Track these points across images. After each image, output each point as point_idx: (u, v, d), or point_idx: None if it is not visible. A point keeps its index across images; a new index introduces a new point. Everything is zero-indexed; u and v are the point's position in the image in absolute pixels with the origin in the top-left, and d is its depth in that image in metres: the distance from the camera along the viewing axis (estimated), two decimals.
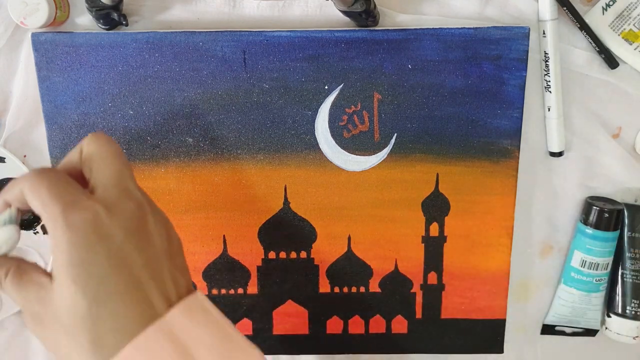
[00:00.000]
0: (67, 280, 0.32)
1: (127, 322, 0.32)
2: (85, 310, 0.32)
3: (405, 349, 0.58)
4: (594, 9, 0.50)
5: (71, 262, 0.32)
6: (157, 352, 0.32)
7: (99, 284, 0.32)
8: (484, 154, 0.51)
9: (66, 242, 0.32)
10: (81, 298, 0.32)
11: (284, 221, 0.53)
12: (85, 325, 0.32)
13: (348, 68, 0.49)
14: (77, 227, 0.32)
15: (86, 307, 0.32)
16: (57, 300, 0.32)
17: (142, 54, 0.49)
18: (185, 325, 0.34)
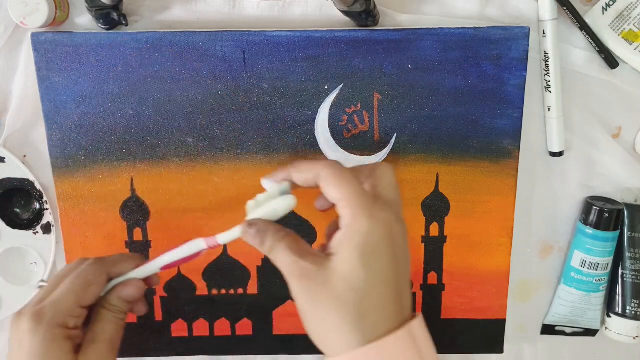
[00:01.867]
0: (352, 256, 0.36)
1: (388, 314, 0.36)
2: (361, 282, 0.35)
3: None
4: (594, 9, 0.50)
5: (365, 243, 0.36)
6: (403, 352, 0.36)
7: (377, 271, 0.36)
8: (484, 154, 0.51)
9: (367, 228, 0.36)
10: (361, 272, 0.35)
11: (284, 221, 0.53)
12: (357, 296, 0.35)
13: (348, 68, 0.49)
14: (379, 220, 0.36)
15: (363, 281, 0.35)
16: (336, 271, 0.36)
17: (142, 54, 0.49)
18: (421, 336, 0.37)
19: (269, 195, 0.41)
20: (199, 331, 0.56)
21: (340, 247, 0.36)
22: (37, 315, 0.40)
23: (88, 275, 0.43)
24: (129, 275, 0.45)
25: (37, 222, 0.55)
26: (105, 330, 0.43)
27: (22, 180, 0.53)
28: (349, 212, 0.37)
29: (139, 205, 0.53)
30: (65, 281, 0.43)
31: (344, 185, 0.38)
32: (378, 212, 0.37)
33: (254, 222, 0.40)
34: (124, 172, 0.52)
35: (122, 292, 0.44)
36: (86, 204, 0.53)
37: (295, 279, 0.37)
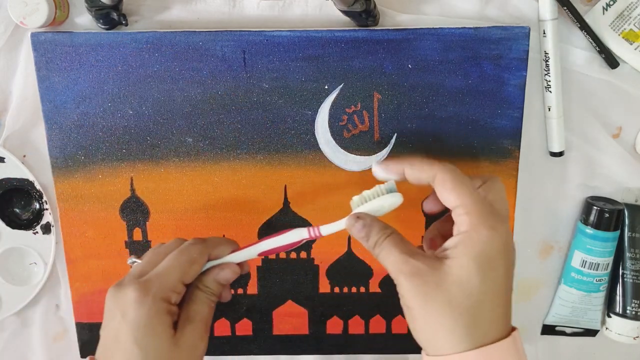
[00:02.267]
0: (470, 263, 0.36)
1: (497, 322, 0.37)
2: (476, 289, 0.36)
3: (405, 349, 0.58)
4: (594, 9, 0.50)
5: (483, 253, 0.37)
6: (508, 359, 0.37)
7: (492, 281, 0.37)
8: (484, 154, 0.51)
9: (486, 238, 0.37)
10: (477, 280, 0.36)
11: (284, 221, 0.53)
12: (471, 301, 0.36)
13: (348, 68, 0.49)
14: (498, 232, 0.37)
15: (478, 288, 0.36)
16: (451, 275, 0.37)
17: (142, 53, 0.49)
18: (521, 346, 0.38)
19: (375, 192, 0.42)
20: None
21: (457, 252, 0.37)
22: (144, 287, 0.41)
23: (192, 253, 0.43)
24: (225, 258, 0.45)
25: (37, 222, 0.55)
26: (200, 311, 0.43)
27: (22, 180, 0.53)
28: (467, 219, 0.37)
29: (138, 205, 0.53)
30: (169, 257, 0.43)
31: (463, 192, 0.38)
32: (497, 224, 0.37)
33: (362, 216, 0.41)
34: (124, 172, 0.52)
35: (218, 275, 0.44)
36: (86, 204, 0.52)
37: (406, 276, 0.37)
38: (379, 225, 0.40)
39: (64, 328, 0.58)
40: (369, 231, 0.40)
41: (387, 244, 0.39)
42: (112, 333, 0.41)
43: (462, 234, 0.37)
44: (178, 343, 0.41)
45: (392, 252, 0.39)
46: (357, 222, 0.41)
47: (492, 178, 0.41)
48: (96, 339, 0.56)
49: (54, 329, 0.58)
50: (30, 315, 0.58)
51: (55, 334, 0.58)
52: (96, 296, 0.55)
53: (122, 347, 0.40)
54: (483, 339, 0.36)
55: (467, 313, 0.36)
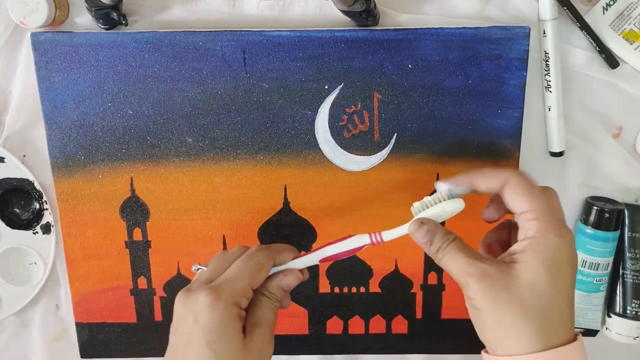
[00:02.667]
0: (540, 267, 0.37)
1: (565, 324, 0.38)
2: (546, 292, 0.37)
3: (405, 349, 0.58)
4: (594, 9, 0.50)
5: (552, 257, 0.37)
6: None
7: (560, 285, 0.38)
8: (485, 154, 0.51)
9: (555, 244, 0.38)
10: (547, 283, 0.37)
11: (284, 221, 0.53)
12: (541, 304, 0.37)
13: (348, 68, 0.49)
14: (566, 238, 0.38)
15: (548, 292, 0.37)
16: (522, 279, 0.37)
17: (142, 53, 0.49)
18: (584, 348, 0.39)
19: (437, 197, 0.42)
20: None
21: (526, 256, 0.38)
22: (216, 292, 0.41)
23: (259, 259, 0.44)
24: (287, 265, 0.45)
25: (37, 222, 0.55)
26: (266, 316, 0.44)
27: (22, 180, 0.53)
28: (536, 225, 0.38)
29: (138, 205, 0.53)
30: (238, 263, 0.44)
31: (534, 198, 0.39)
32: (565, 230, 0.39)
33: (426, 221, 0.42)
34: (124, 172, 0.52)
35: (282, 281, 0.45)
36: (86, 204, 0.52)
37: (475, 278, 0.38)
38: (443, 231, 0.41)
39: (63, 328, 0.58)
40: (433, 236, 0.41)
41: (451, 248, 0.40)
42: (183, 337, 0.42)
43: (531, 239, 0.38)
44: (248, 347, 0.42)
45: (457, 256, 0.39)
46: (420, 228, 0.41)
47: (549, 189, 0.41)
48: (96, 339, 0.56)
49: (54, 329, 0.58)
50: (30, 315, 0.58)
51: (55, 334, 0.58)
52: (96, 296, 0.55)
53: (195, 350, 0.41)
54: (553, 341, 0.37)
55: (538, 315, 0.37)
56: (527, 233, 0.39)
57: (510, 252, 0.39)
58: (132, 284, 0.55)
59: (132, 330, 0.56)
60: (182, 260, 0.54)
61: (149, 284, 0.55)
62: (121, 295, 0.55)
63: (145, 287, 0.55)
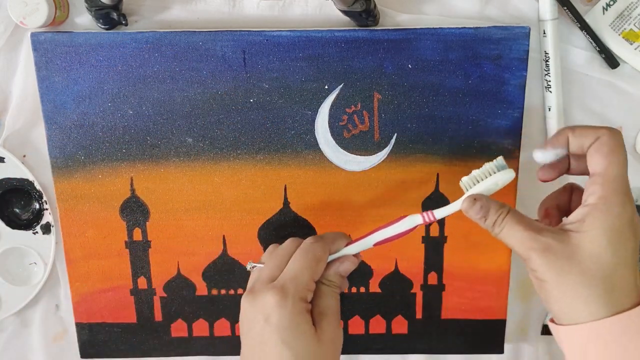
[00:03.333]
0: (602, 236, 0.38)
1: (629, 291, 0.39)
2: (608, 261, 0.38)
3: (405, 349, 0.58)
4: (594, 9, 0.50)
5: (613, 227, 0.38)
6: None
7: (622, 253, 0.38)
8: (484, 154, 0.51)
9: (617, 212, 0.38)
10: (609, 252, 0.38)
11: (284, 221, 0.53)
12: (605, 272, 0.38)
13: (348, 68, 0.49)
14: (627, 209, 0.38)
15: (610, 261, 0.38)
16: (583, 249, 0.38)
17: (142, 53, 0.49)
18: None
19: (485, 170, 0.42)
20: (199, 331, 0.56)
21: (586, 226, 0.38)
22: (282, 290, 0.42)
23: (317, 251, 0.45)
24: (342, 251, 0.46)
25: (37, 222, 0.55)
26: (330, 305, 0.45)
27: (22, 180, 0.53)
28: (601, 190, 0.38)
29: (138, 205, 0.53)
30: (297, 258, 0.45)
31: (612, 162, 0.39)
32: (627, 199, 0.38)
33: (478, 197, 0.42)
34: (124, 172, 0.52)
35: (340, 268, 0.46)
36: (86, 204, 0.52)
37: (538, 252, 0.39)
38: (496, 204, 0.41)
39: (63, 328, 0.58)
40: (487, 211, 0.41)
41: (508, 221, 0.40)
42: (257, 338, 0.43)
43: (592, 206, 0.38)
44: (321, 339, 0.43)
45: (516, 230, 0.40)
46: (474, 205, 0.41)
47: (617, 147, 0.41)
48: (96, 339, 0.56)
49: (54, 329, 0.58)
50: (30, 315, 0.58)
51: (55, 334, 0.58)
52: (96, 296, 0.55)
53: (271, 349, 0.42)
54: (619, 307, 0.38)
55: (602, 283, 0.38)
56: (589, 198, 0.39)
57: (571, 220, 0.39)
58: (132, 284, 0.55)
59: (132, 330, 0.56)
60: (182, 260, 0.54)
61: (149, 284, 0.55)
62: (121, 295, 0.55)
63: (145, 287, 0.55)
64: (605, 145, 0.39)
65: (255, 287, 0.44)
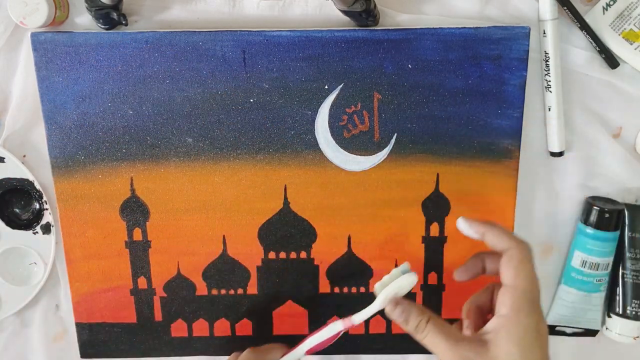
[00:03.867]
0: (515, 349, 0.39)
1: None
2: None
3: (405, 349, 0.58)
4: (594, 9, 0.50)
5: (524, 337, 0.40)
6: None
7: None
8: (485, 154, 0.51)
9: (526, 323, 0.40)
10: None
11: (284, 221, 0.53)
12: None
13: (348, 68, 0.49)
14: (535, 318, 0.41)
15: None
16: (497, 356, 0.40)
17: (142, 53, 0.49)
18: None
19: (392, 275, 0.45)
20: (199, 331, 0.56)
21: (500, 337, 0.40)
22: None
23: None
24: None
25: (37, 222, 0.55)
26: None
27: (22, 180, 0.53)
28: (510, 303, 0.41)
29: (138, 205, 0.53)
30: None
31: (522, 275, 0.41)
32: (533, 309, 0.41)
33: (400, 301, 0.44)
34: (124, 172, 0.52)
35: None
36: (86, 204, 0.52)
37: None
38: (417, 309, 0.43)
39: (63, 328, 0.58)
40: (408, 315, 0.43)
41: (430, 329, 0.42)
42: None
43: (504, 317, 0.41)
44: None
45: (438, 340, 0.42)
46: (396, 308, 0.44)
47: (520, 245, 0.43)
48: (96, 339, 0.56)
49: (54, 329, 0.58)
50: (30, 315, 0.58)
51: (55, 334, 0.58)
52: (96, 296, 0.55)
53: None
54: None
55: None
56: (502, 309, 0.41)
57: (486, 330, 0.41)
58: (132, 284, 0.55)
59: (132, 330, 0.56)
60: (182, 260, 0.54)
61: (149, 284, 0.55)
62: (121, 295, 0.55)
63: (145, 287, 0.55)
64: (515, 258, 0.41)
65: None
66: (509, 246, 0.42)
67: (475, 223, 0.45)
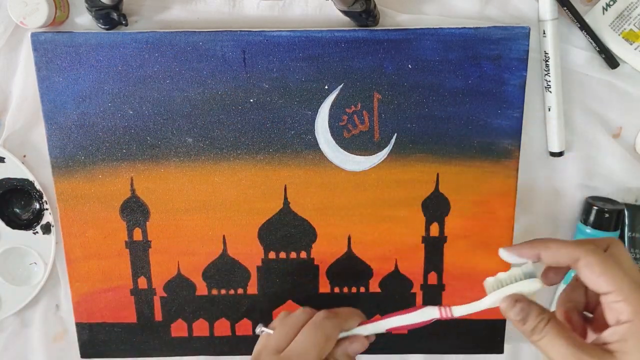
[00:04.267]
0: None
1: None
2: None
3: (405, 349, 0.58)
4: (594, 9, 0.50)
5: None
6: None
7: None
8: (484, 154, 0.51)
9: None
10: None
11: (284, 221, 0.53)
12: None
13: (348, 68, 0.49)
14: None
15: None
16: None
17: (142, 53, 0.49)
18: None
19: (511, 275, 0.40)
20: (199, 331, 0.56)
21: (629, 347, 0.36)
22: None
23: (327, 329, 0.44)
24: (353, 331, 0.46)
25: (37, 222, 0.55)
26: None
27: (22, 180, 0.53)
28: (628, 308, 0.36)
29: (138, 205, 0.53)
30: (306, 333, 0.44)
31: (616, 275, 0.37)
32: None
33: (520, 298, 0.39)
34: (124, 172, 0.52)
35: (349, 348, 0.45)
36: (86, 204, 0.52)
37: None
38: (537, 308, 0.39)
39: (64, 328, 0.58)
40: (527, 314, 0.39)
41: (549, 331, 0.38)
42: None
43: (627, 323, 0.36)
44: None
45: (557, 343, 0.37)
46: (515, 306, 0.39)
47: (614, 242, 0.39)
48: (96, 339, 0.56)
49: (54, 329, 0.58)
50: (30, 315, 0.58)
51: (55, 334, 0.58)
52: (96, 296, 0.55)
53: None
54: None
55: None
56: (620, 317, 0.36)
57: (611, 339, 0.37)
58: (132, 284, 0.55)
59: (132, 330, 0.56)
60: (182, 260, 0.54)
61: (149, 284, 0.55)
62: (121, 295, 0.55)
63: (146, 287, 0.55)
64: (594, 265, 0.37)
65: (262, 356, 0.43)
66: (575, 256, 0.38)
67: (524, 248, 0.40)
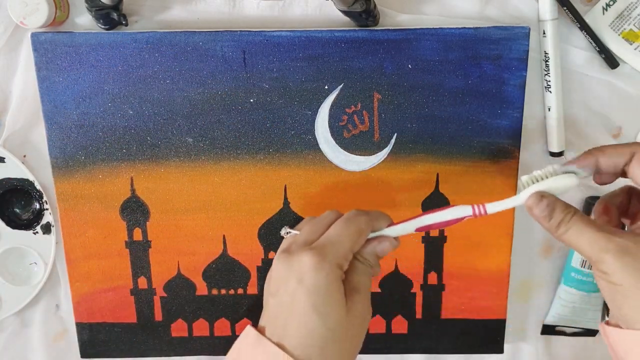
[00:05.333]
0: None
1: None
2: None
3: (405, 349, 0.58)
4: (594, 9, 0.50)
5: None
6: None
7: None
8: (484, 154, 0.51)
9: None
10: None
11: (284, 221, 0.53)
12: None
13: (348, 68, 0.49)
14: None
15: None
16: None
17: (142, 53, 0.49)
18: None
19: (547, 171, 0.39)
20: (199, 331, 0.56)
21: None
22: (320, 253, 0.40)
23: (360, 223, 0.43)
24: (382, 232, 0.44)
25: (37, 222, 0.55)
26: (363, 282, 0.43)
27: (22, 180, 0.53)
28: None
29: (138, 205, 0.53)
30: (338, 226, 0.43)
31: None
32: None
33: (546, 195, 0.39)
34: (124, 172, 0.52)
35: (377, 247, 0.44)
36: (86, 204, 0.52)
37: (614, 254, 0.36)
38: (563, 204, 0.39)
39: (64, 328, 0.58)
40: (552, 210, 0.39)
41: (575, 221, 0.38)
42: (286, 299, 0.40)
43: None
44: (351, 311, 0.41)
45: (586, 230, 0.37)
46: (541, 202, 0.39)
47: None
48: (96, 339, 0.56)
49: (54, 329, 0.58)
50: (30, 315, 0.58)
51: (55, 334, 0.58)
52: (96, 296, 0.55)
53: (299, 312, 0.40)
54: None
55: None
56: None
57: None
58: (132, 284, 0.55)
59: (132, 330, 0.56)
60: (182, 260, 0.54)
61: (149, 284, 0.55)
62: (121, 295, 0.55)
63: (146, 287, 0.55)
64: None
65: (292, 248, 0.42)
66: (630, 152, 0.38)
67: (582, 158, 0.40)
